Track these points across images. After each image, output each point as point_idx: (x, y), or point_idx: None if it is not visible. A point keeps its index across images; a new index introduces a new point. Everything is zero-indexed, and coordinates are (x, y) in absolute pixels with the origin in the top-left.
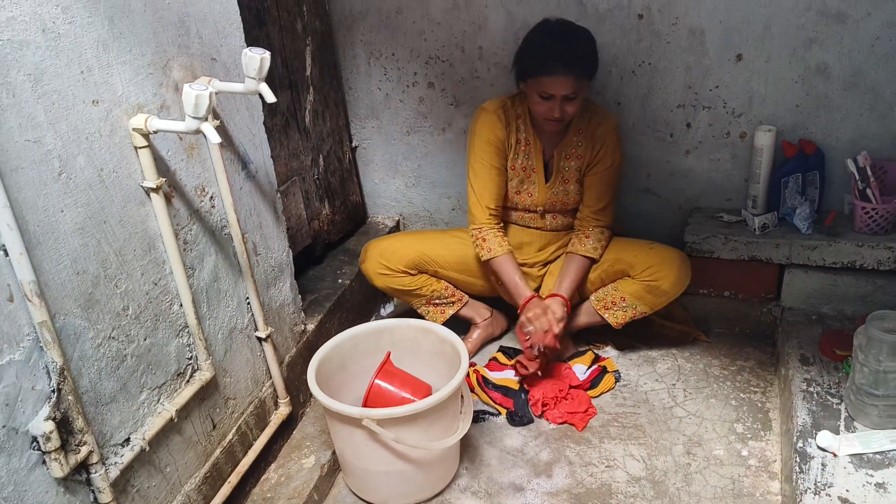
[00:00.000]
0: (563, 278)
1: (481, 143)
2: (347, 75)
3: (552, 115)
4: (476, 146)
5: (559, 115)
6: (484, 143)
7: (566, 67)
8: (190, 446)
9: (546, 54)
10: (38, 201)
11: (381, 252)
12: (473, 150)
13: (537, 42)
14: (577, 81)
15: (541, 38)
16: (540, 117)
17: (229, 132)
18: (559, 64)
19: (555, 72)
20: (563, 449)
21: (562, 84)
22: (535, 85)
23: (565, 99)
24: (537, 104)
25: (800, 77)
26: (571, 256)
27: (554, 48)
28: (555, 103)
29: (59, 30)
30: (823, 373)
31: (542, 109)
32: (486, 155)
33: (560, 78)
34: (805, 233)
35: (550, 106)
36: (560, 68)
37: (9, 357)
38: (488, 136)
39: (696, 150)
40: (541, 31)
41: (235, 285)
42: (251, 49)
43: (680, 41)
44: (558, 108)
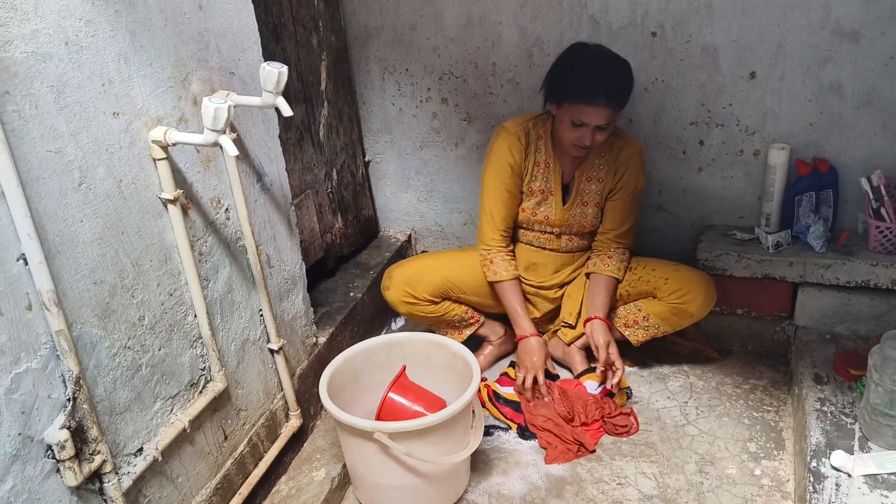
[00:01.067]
0: (596, 298)
1: (498, 165)
2: (361, 90)
3: (582, 143)
4: (492, 166)
5: (589, 144)
6: (502, 164)
7: (608, 99)
8: (201, 457)
9: (588, 82)
10: (57, 211)
11: (407, 281)
12: (489, 169)
13: (579, 67)
14: (614, 113)
15: (583, 63)
16: (567, 143)
17: (245, 145)
18: (601, 95)
19: (595, 102)
20: (575, 466)
21: (600, 114)
22: (569, 111)
23: (598, 129)
24: (568, 130)
25: (814, 95)
26: (597, 277)
27: (597, 78)
28: (587, 131)
29: (81, 43)
30: (837, 392)
31: (572, 136)
32: (501, 177)
33: (600, 108)
34: (819, 251)
35: (581, 134)
36: (601, 99)
37: (26, 365)
38: (507, 157)
39: (708, 168)
40: (582, 56)
41: (249, 297)
42: (269, 63)
43: (693, 59)
44: (590, 136)
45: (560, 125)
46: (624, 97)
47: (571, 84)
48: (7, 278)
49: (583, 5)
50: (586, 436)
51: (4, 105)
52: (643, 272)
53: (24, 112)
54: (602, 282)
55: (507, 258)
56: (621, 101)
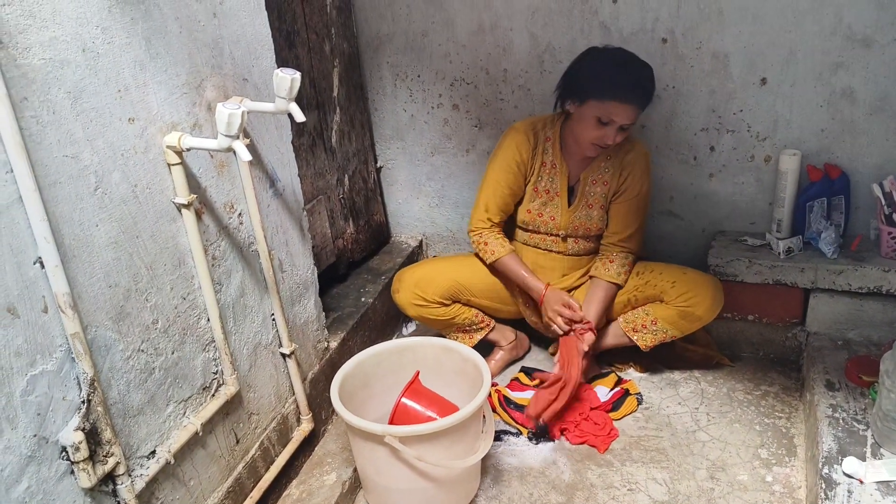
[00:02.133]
0: (590, 304)
1: (504, 161)
2: (373, 96)
3: (605, 142)
4: (498, 162)
5: (612, 142)
6: (507, 161)
7: (639, 97)
8: (213, 460)
9: (620, 80)
10: (73, 215)
11: (416, 283)
12: (494, 164)
13: (608, 66)
14: (639, 112)
15: (612, 62)
16: (587, 141)
17: (258, 150)
18: (631, 93)
19: (626, 100)
20: (585, 471)
21: (628, 112)
22: (596, 108)
23: (621, 128)
24: (590, 128)
25: (825, 101)
26: (597, 281)
27: (628, 76)
28: (611, 130)
29: (98, 50)
30: (849, 398)
31: (594, 134)
32: (504, 173)
33: (630, 106)
34: (830, 257)
35: (605, 132)
36: (633, 97)
37: (41, 367)
38: (514, 155)
39: (719, 174)
40: (610, 55)
41: (261, 301)
42: (282, 70)
43: (704, 65)
44: (613, 134)
45: (580, 123)
46: (650, 97)
47: (601, 81)
48: (24, 281)
49: (593, 12)
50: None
51: (23, 111)
52: (650, 276)
53: (41, 118)
54: (600, 287)
55: (500, 236)
56: (646, 101)
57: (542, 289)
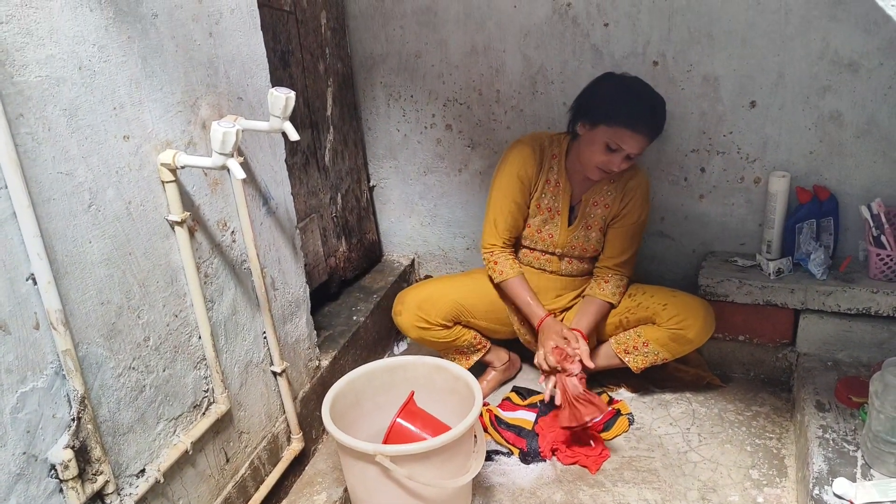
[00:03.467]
0: (582, 317)
1: (510, 176)
2: (367, 116)
3: (610, 167)
4: (504, 176)
5: (616, 169)
6: (513, 175)
7: (650, 128)
8: (203, 479)
9: (634, 110)
10: (67, 232)
11: (419, 305)
12: (500, 178)
13: (625, 94)
14: (648, 144)
15: (629, 91)
16: (593, 165)
17: (252, 169)
18: (646, 123)
19: (639, 129)
20: (577, 491)
21: (639, 142)
22: (608, 134)
23: (627, 157)
24: (598, 153)
25: (814, 124)
26: (590, 299)
27: (645, 107)
28: (618, 157)
29: (94, 68)
30: (839, 419)
31: (601, 159)
32: (511, 188)
33: (641, 137)
34: (820, 278)
35: (612, 158)
36: (645, 128)
37: (32, 384)
38: (519, 170)
39: (710, 195)
40: (627, 84)
41: (253, 319)
42: (277, 89)
43: (694, 88)
44: (619, 161)
45: (588, 147)
46: (661, 130)
47: (616, 108)
48: (16, 297)
49: (585, 34)
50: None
51: (18, 127)
52: (642, 298)
53: (37, 134)
54: (593, 303)
55: (511, 258)
56: (657, 134)
57: (542, 315)
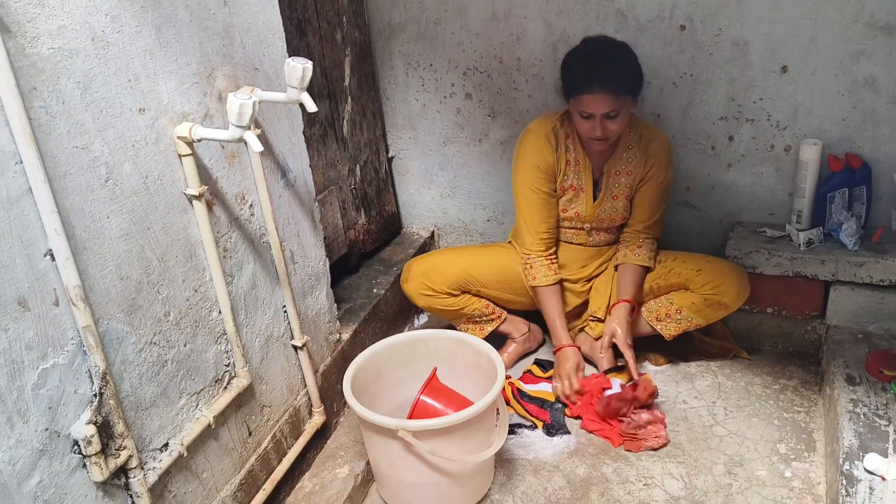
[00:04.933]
0: (624, 285)
1: (530, 168)
2: (385, 86)
3: (594, 135)
4: (523, 170)
5: (600, 134)
6: (532, 167)
7: (602, 85)
8: (226, 453)
9: (584, 72)
10: (84, 207)
11: (425, 273)
12: (520, 174)
13: (577, 61)
14: (617, 99)
15: (580, 56)
16: (583, 137)
17: (269, 141)
18: (595, 82)
19: (592, 90)
20: (600, 465)
21: (600, 102)
22: (576, 104)
23: (606, 117)
24: (580, 123)
25: (847, 90)
26: (626, 266)
27: (591, 66)
28: (595, 122)
29: (107, 39)
30: (870, 393)
31: (584, 129)
32: (534, 180)
33: (598, 95)
34: (851, 249)
35: (591, 125)
36: (596, 86)
37: (53, 360)
38: (537, 160)
39: (738, 164)
40: (580, 49)
41: (272, 293)
42: (294, 59)
43: (723, 52)
44: (599, 126)
45: (575, 120)
46: (622, 80)
47: (571, 77)
48: (34, 274)
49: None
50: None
51: (32, 101)
52: (673, 264)
53: (50, 108)
54: (630, 270)
55: (547, 263)
56: (620, 85)
57: (564, 343)
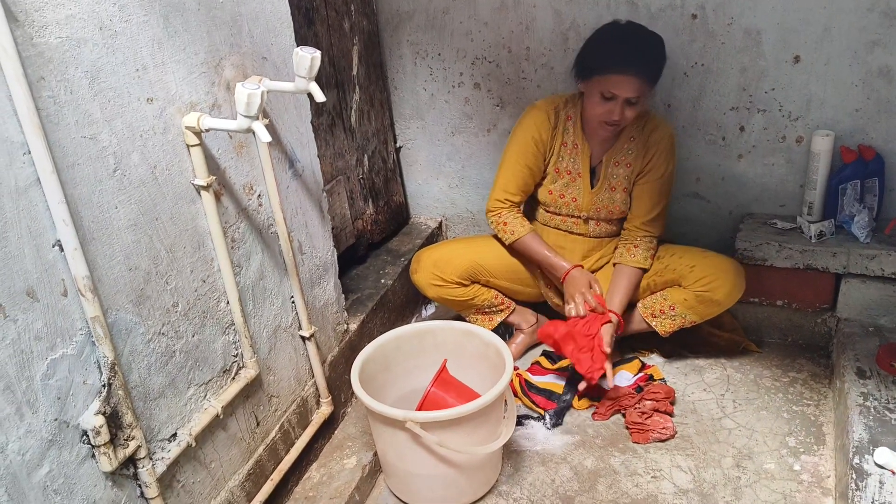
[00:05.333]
0: (615, 293)
1: (524, 139)
2: (393, 75)
3: (611, 118)
4: (517, 140)
5: (618, 118)
6: (527, 139)
7: (636, 68)
8: (234, 443)
9: (618, 52)
10: (92, 197)
11: (435, 263)
12: (513, 142)
13: (608, 40)
14: (644, 85)
15: (612, 36)
16: (596, 119)
17: (277, 131)
18: (629, 64)
19: (625, 71)
20: (608, 457)
21: (629, 85)
22: (599, 83)
23: (627, 102)
24: (597, 105)
25: (860, 80)
26: (621, 268)
27: (627, 47)
28: (616, 105)
29: (115, 28)
30: (881, 387)
31: (600, 111)
32: (524, 151)
33: (629, 77)
34: (863, 241)
35: (611, 108)
36: (630, 68)
37: (62, 351)
38: (533, 133)
39: (749, 155)
40: (612, 29)
41: (280, 284)
42: (302, 48)
43: (735, 42)
44: (619, 110)
45: (589, 101)
46: (654, 69)
47: (601, 56)
48: (43, 265)
49: None
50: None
51: (40, 91)
52: (670, 260)
53: (58, 98)
54: (625, 274)
55: (519, 216)
56: (651, 73)
57: (567, 267)
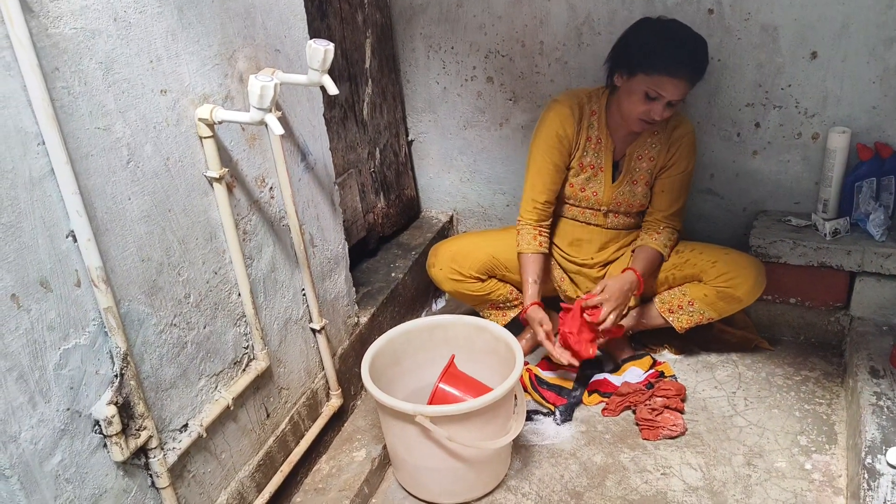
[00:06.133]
0: (636, 261)
1: (548, 136)
2: (406, 68)
3: (651, 117)
4: (542, 138)
5: (659, 118)
6: (552, 136)
7: (690, 72)
8: (245, 434)
9: (670, 53)
10: (106, 188)
11: (453, 257)
12: (538, 141)
13: (661, 39)
14: (689, 88)
15: (665, 35)
16: (634, 116)
17: (290, 123)
18: (686, 67)
19: (678, 74)
20: (617, 454)
21: (678, 88)
22: (645, 82)
23: (669, 104)
24: (637, 103)
25: (878, 77)
26: (643, 247)
27: (680, 50)
28: (659, 105)
29: (129, 19)
30: (894, 386)
31: (641, 109)
32: (549, 149)
33: (681, 81)
34: (879, 240)
35: (652, 107)
36: (685, 72)
37: (74, 341)
38: (557, 130)
39: (764, 151)
40: (663, 27)
41: (292, 276)
42: (315, 41)
43: (752, 37)
44: (660, 110)
45: (628, 97)
46: (702, 73)
47: (653, 55)
48: (56, 255)
49: None
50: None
51: (54, 81)
52: (690, 255)
53: (72, 89)
54: (645, 251)
55: (534, 232)
56: (699, 77)
57: (528, 304)
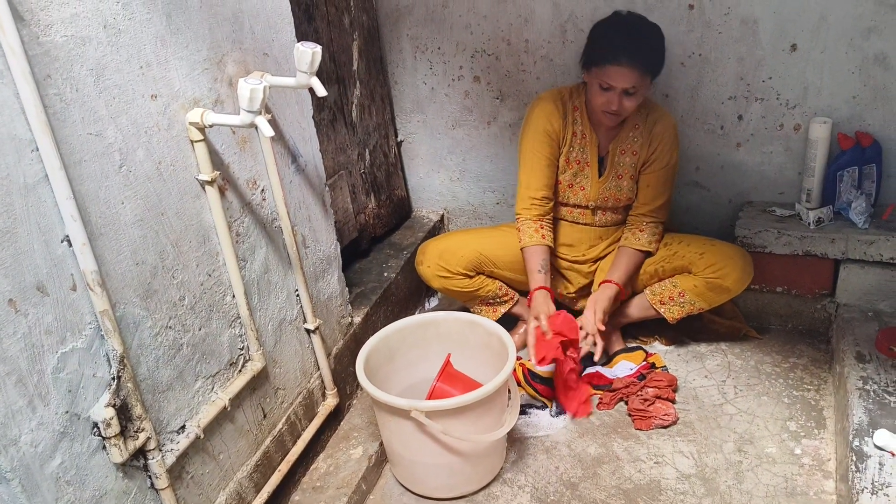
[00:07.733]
0: (615, 269)
1: (536, 133)
2: (393, 70)
3: (609, 108)
4: (529, 135)
5: (616, 109)
6: (539, 132)
7: (630, 59)
8: (242, 434)
9: (613, 44)
10: (99, 193)
11: (440, 254)
12: (526, 138)
13: (606, 32)
14: (640, 76)
15: (610, 28)
16: (597, 109)
17: (280, 126)
18: (624, 55)
19: (621, 62)
20: (611, 444)
21: (624, 76)
22: (597, 74)
23: (625, 93)
24: (597, 95)
25: (857, 67)
26: (624, 250)
27: (621, 38)
28: (614, 95)
29: (119, 26)
30: (880, 370)
31: (600, 101)
32: (539, 145)
33: (623, 69)
34: (861, 227)
35: (609, 98)
36: (626, 59)
37: (71, 345)
38: (544, 125)
39: (747, 143)
40: (611, 21)
41: (285, 277)
42: (303, 44)
43: (732, 31)
44: (617, 100)
45: (591, 91)
46: (650, 59)
47: (598, 47)
48: (52, 260)
49: None
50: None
51: (46, 88)
52: (678, 247)
53: (64, 95)
54: (626, 254)
55: (535, 226)
56: (647, 63)
57: (536, 287)
